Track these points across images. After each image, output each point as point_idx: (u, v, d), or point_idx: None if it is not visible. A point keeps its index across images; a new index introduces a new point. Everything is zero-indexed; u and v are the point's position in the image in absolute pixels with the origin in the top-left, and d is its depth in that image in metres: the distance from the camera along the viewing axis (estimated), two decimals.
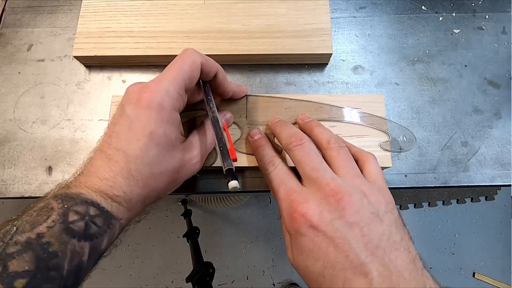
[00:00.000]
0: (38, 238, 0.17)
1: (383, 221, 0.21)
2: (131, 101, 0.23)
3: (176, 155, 0.24)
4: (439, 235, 1.15)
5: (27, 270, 0.16)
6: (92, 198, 0.20)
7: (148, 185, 0.22)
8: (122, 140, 0.22)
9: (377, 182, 0.24)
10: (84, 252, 0.19)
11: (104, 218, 0.20)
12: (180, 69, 0.23)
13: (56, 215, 0.19)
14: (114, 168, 0.22)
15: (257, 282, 1.12)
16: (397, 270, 0.19)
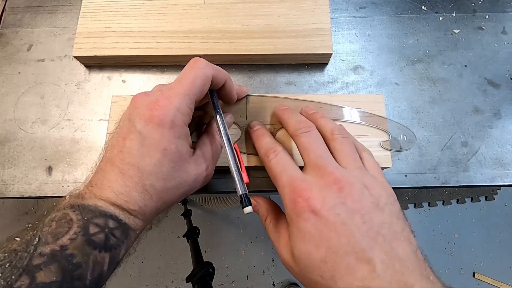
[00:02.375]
0: (62, 250, 0.18)
1: (384, 211, 0.21)
2: (142, 117, 0.23)
3: (188, 169, 0.24)
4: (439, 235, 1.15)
5: (54, 281, 0.17)
6: (110, 211, 0.21)
7: (162, 198, 0.23)
8: (135, 156, 0.22)
9: (378, 177, 0.24)
10: (105, 262, 0.20)
11: (122, 230, 0.21)
12: (192, 85, 0.24)
13: (77, 227, 0.19)
14: (128, 183, 0.22)
15: (257, 282, 1.12)
16: (399, 259, 0.19)
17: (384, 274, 0.18)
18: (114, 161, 0.23)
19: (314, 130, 0.26)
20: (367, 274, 0.19)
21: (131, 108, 0.24)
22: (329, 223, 0.21)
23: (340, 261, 0.20)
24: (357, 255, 0.19)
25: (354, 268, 0.19)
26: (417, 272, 0.19)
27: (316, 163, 0.24)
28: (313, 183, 0.23)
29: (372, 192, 0.22)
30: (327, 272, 0.20)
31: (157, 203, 0.23)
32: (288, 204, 0.23)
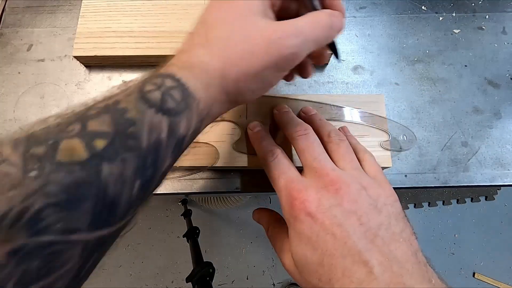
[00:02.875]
0: (115, 104, 0.16)
1: (382, 212, 0.21)
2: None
3: (259, 22, 0.20)
4: (439, 235, 1.15)
5: (106, 131, 0.15)
6: (168, 71, 0.19)
7: (226, 55, 0.20)
8: (205, 14, 0.21)
9: (378, 177, 0.24)
10: (162, 127, 0.17)
11: (181, 92, 0.18)
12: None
13: (134, 87, 0.18)
14: (193, 40, 0.21)
15: (257, 282, 1.12)
16: (398, 261, 0.19)
17: (381, 276, 0.18)
18: (191, 30, 0.22)
19: (311, 133, 0.26)
20: (364, 277, 0.19)
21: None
22: (325, 226, 0.20)
23: (337, 264, 0.19)
24: (354, 257, 0.19)
25: (351, 270, 0.19)
26: (416, 274, 0.19)
27: (312, 165, 0.24)
28: (310, 185, 0.23)
29: (369, 193, 0.22)
30: (324, 275, 0.20)
31: (219, 63, 0.19)
32: (285, 207, 0.23)
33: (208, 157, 0.31)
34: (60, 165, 0.13)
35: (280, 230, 0.25)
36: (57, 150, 0.14)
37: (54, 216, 0.13)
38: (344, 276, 0.19)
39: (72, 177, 0.13)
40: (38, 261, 0.12)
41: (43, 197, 0.13)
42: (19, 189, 0.12)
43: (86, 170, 0.14)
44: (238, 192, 0.33)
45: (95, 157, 0.14)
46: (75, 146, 0.14)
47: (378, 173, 0.25)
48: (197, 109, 0.19)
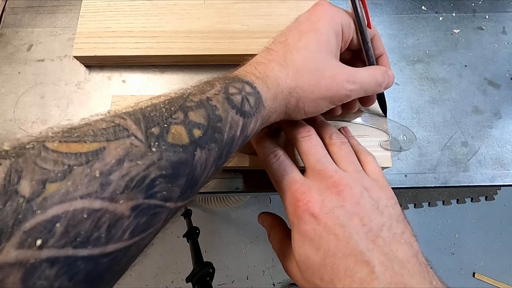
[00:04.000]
0: (208, 100, 0.19)
1: (383, 214, 0.22)
2: (308, 10, 0.25)
3: (331, 61, 0.24)
4: (439, 235, 1.15)
5: (202, 123, 0.18)
6: (247, 78, 0.22)
7: (296, 78, 0.23)
8: (287, 35, 0.24)
9: (379, 180, 0.24)
10: (238, 126, 0.20)
11: (255, 98, 0.21)
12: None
13: (219, 87, 0.20)
14: (271, 56, 0.23)
15: (257, 282, 1.12)
16: (399, 261, 0.19)
17: (383, 276, 0.18)
18: (267, 45, 0.25)
19: (314, 135, 0.26)
20: (365, 276, 0.19)
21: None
22: (328, 226, 0.21)
23: (339, 264, 0.20)
24: (356, 257, 0.19)
25: (353, 270, 0.19)
26: (417, 274, 0.19)
27: (315, 167, 0.24)
28: (313, 187, 0.23)
29: (371, 195, 0.22)
30: (326, 275, 0.20)
31: (290, 82, 0.23)
32: (289, 208, 0.23)
33: None
34: (171, 146, 0.16)
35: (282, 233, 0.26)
36: (168, 132, 0.16)
37: (162, 185, 0.15)
38: (346, 275, 0.19)
39: (177, 157, 0.16)
40: (146, 217, 0.15)
41: (158, 169, 0.15)
42: (144, 159, 0.15)
43: (186, 153, 0.17)
44: (238, 192, 0.33)
45: (193, 143, 0.17)
46: (181, 132, 0.17)
47: (379, 175, 0.25)
48: (263, 115, 0.22)
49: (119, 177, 0.14)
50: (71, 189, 0.13)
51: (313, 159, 0.24)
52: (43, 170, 0.13)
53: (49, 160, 0.13)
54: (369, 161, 0.26)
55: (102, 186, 0.14)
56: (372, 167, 0.25)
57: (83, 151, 0.14)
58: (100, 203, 0.13)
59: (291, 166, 0.25)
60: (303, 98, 0.23)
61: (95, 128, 0.15)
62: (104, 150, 0.14)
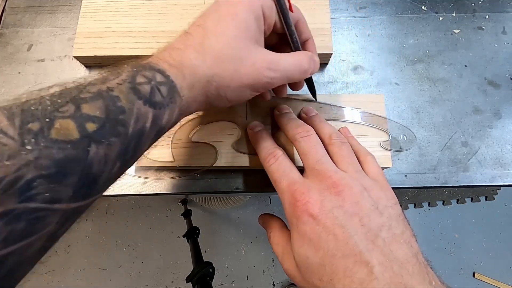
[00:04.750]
0: (108, 91, 0.18)
1: (383, 214, 0.22)
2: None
3: (251, 49, 0.23)
4: (439, 235, 1.15)
5: (98, 116, 0.17)
6: (159, 66, 0.21)
7: (215, 66, 0.22)
8: (206, 18, 0.23)
9: (379, 180, 0.24)
10: (148, 118, 0.19)
11: (168, 88, 0.20)
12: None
13: (125, 76, 0.19)
14: (188, 41, 0.22)
15: (257, 282, 1.12)
16: (399, 261, 0.19)
17: (382, 276, 0.18)
18: (186, 29, 0.23)
19: (313, 135, 0.26)
20: (365, 276, 0.19)
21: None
22: (327, 227, 0.21)
23: (338, 264, 0.20)
24: (355, 257, 0.19)
25: (352, 270, 0.19)
26: (417, 275, 0.19)
27: (315, 167, 0.24)
28: (312, 187, 0.23)
29: (371, 195, 0.22)
30: (325, 276, 0.20)
31: (208, 70, 0.22)
32: (288, 209, 0.23)
33: (208, 157, 0.31)
34: (54, 142, 0.15)
35: (281, 234, 0.26)
36: (51, 128, 0.15)
37: (42, 186, 0.14)
38: (345, 276, 0.19)
39: (63, 154, 0.15)
40: (24, 223, 0.14)
41: (35, 169, 0.14)
42: (15, 159, 0.14)
43: (76, 149, 0.15)
44: (238, 192, 0.33)
45: (85, 138, 0.16)
46: (68, 127, 0.15)
47: (379, 175, 0.25)
48: (180, 105, 0.21)
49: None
50: None
51: (313, 159, 0.24)
52: None
53: None
54: (368, 161, 0.26)
55: None
56: (372, 167, 0.25)
57: None
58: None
59: (290, 167, 0.25)
60: (223, 86, 0.22)
61: None
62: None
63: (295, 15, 0.26)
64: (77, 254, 1.13)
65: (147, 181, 0.33)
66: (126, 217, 1.16)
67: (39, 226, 0.15)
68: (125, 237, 1.14)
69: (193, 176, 0.33)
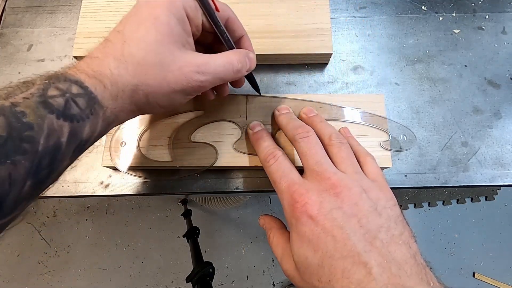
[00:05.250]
0: (12, 106, 0.16)
1: (381, 215, 0.22)
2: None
3: (176, 53, 0.22)
4: (439, 235, 1.15)
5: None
6: (76, 76, 0.19)
7: (138, 74, 0.21)
8: (125, 23, 0.22)
9: (378, 181, 0.24)
10: (63, 132, 0.18)
11: (87, 100, 0.19)
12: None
13: (36, 89, 0.18)
14: (108, 49, 0.21)
15: (257, 282, 1.12)
16: (397, 262, 0.19)
17: (380, 277, 0.19)
18: (107, 36, 0.22)
19: (313, 135, 0.26)
20: (363, 277, 0.19)
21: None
22: (326, 228, 0.21)
23: (337, 265, 0.20)
24: (354, 258, 0.19)
25: (350, 271, 0.19)
26: (415, 276, 0.19)
27: (314, 168, 0.24)
28: (311, 188, 0.23)
29: (370, 196, 0.22)
30: (324, 276, 0.20)
31: (132, 78, 0.21)
32: (287, 209, 0.23)
33: (208, 157, 0.31)
34: None
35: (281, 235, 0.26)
36: None
37: None
38: (343, 277, 0.19)
39: None
40: None
41: None
42: None
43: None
44: (238, 192, 0.33)
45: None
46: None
47: (378, 177, 0.25)
48: (103, 116, 0.20)
49: None
50: None
51: (312, 160, 0.24)
52: None
53: None
54: (368, 162, 0.26)
55: None
56: (371, 168, 0.25)
57: None
58: None
59: (290, 167, 0.25)
60: (152, 94, 0.21)
61: None
62: None
63: (224, 14, 0.25)
64: (77, 254, 1.13)
65: (147, 181, 0.33)
66: (126, 217, 1.16)
67: None
68: (125, 237, 1.14)
69: (193, 176, 0.33)
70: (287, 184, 0.24)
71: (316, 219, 0.21)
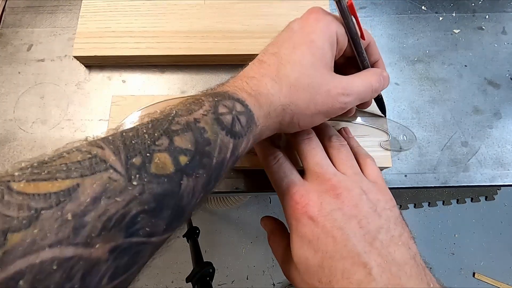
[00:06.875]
0: (196, 122, 0.18)
1: (381, 216, 0.22)
2: (299, 18, 0.24)
3: (326, 75, 0.23)
4: (439, 235, 1.15)
5: (189, 149, 0.17)
6: (238, 95, 0.21)
7: (290, 95, 0.22)
8: (280, 46, 0.23)
9: (378, 182, 0.24)
10: (229, 148, 0.19)
11: (247, 118, 0.20)
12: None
13: (208, 106, 0.19)
14: (263, 70, 0.22)
15: (257, 282, 1.12)
16: (397, 263, 0.19)
17: (380, 278, 0.19)
18: (259, 56, 0.23)
19: (314, 137, 0.26)
20: (363, 278, 0.19)
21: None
22: (326, 229, 0.21)
23: (337, 266, 0.20)
24: (353, 259, 0.19)
25: (350, 272, 0.19)
26: (415, 276, 0.19)
27: (314, 170, 0.24)
28: (312, 190, 0.23)
29: (370, 197, 0.22)
30: (324, 277, 0.20)
31: (284, 98, 0.22)
32: (287, 210, 0.23)
33: None
34: (154, 177, 0.15)
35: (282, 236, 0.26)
36: (151, 162, 0.15)
37: (144, 221, 0.14)
38: (343, 277, 0.19)
39: (161, 188, 0.15)
40: (127, 258, 0.14)
41: (139, 204, 0.14)
42: (124, 195, 0.14)
43: (171, 183, 0.15)
44: (238, 192, 0.33)
45: (178, 171, 0.16)
46: (166, 161, 0.16)
47: (378, 178, 0.25)
48: (255, 133, 0.21)
49: (95, 217, 0.13)
50: (38, 237, 0.11)
51: (312, 162, 0.24)
52: (6, 218, 0.11)
53: (13, 205, 0.12)
54: (368, 163, 0.26)
55: (75, 230, 0.12)
56: (371, 169, 0.26)
57: (53, 190, 0.13)
58: (73, 250, 0.12)
59: (290, 169, 0.25)
60: (297, 114, 0.22)
61: (69, 162, 0.14)
62: (78, 187, 0.13)
63: (366, 39, 0.26)
64: None
65: None
66: None
67: (138, 259, 0.15)
68: None
69: None
70: (287, 185, 0.24)
71: (316, 220, 0.21)
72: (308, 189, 0.23)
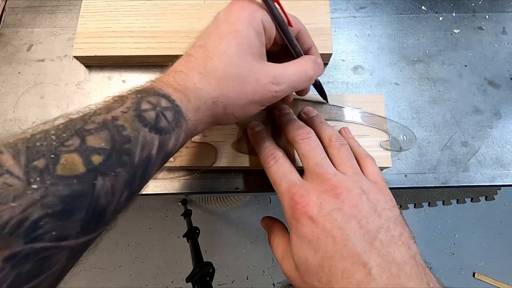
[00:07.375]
0: (113, 120, 0.17)
1: (381, 216, 0.22)
2: (225, 8, 0.23)
3: (255, 64, 0.22)
4: (439, 235, 1.15)
5: (103, 147, 0.16)
6: (164, 90, 0.20)
7: (219, 87, 0.22)
8: (206, 38, 0.22)
9: (378, 182, 0.24)
10: (154, 145, 0.19)
11: (173, 113, 0.20)
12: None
13: (130, 103, 0.19)
14: (191, 64, 0.22)
15: (257, 282, 1.12)
16: (397, 263, 0.19)
17: (380, 278, 0.19)
18: (187, 50, 0.23)
19: (313, 137, 0.26)
20: (363, 278, 0.19)
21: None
22: (326, 229, 0.21)
23: (336, 266, 0.20)
24: (353, 259, 0.19)
25: (350, 272, 0.19)
26: (415, 276, 0.19)
27: (314, 170, 0.24)
28: (312, 190, 0.23)
29: (369, 197, 0.22)
30: (324, 277, 0.20)
31: (213, 91, 0.21)
32: (287, 211, 0.23)
33: (208, 157, 0.31)
34: (60, 179, 0.14)
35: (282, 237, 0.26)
36: (57, 163, 0.15)
37: (49, 225, 0.14)
38: (343, 277, 0.19)
39: (69, 190, 0.15)
40: (30, 265, 0.13)
41: (42, 208, 0.14)
42: (21, 200, 0.13)
43: (82, 184, 0.15)
44: (238, 192, 0.33)
45: (91, 171, 0.15)
46: (74, 161, 0.15)
47: (378, 178, 0.25)
48: (186, 128, 0.21)
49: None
50: None
51: (312, 162, 0.24)
52: None
53: None
54: (368, 163, 0.26)
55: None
56: (371, 169, 0.26)
57: None
58: None
59: (290, 169, 0.25)
60: (230, 105, 0.22)
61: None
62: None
63: (295, 27, 0.25)
64: None
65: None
66: (126, 217, 1.16)
67: (46, 265, 0.14)
68: (125, 237, 1.14)
69: (193, 176, 0.33)
70: (287, 186, 0.24)
71: (316, 220, 0.21)
72: (308, 189, 0.23)
